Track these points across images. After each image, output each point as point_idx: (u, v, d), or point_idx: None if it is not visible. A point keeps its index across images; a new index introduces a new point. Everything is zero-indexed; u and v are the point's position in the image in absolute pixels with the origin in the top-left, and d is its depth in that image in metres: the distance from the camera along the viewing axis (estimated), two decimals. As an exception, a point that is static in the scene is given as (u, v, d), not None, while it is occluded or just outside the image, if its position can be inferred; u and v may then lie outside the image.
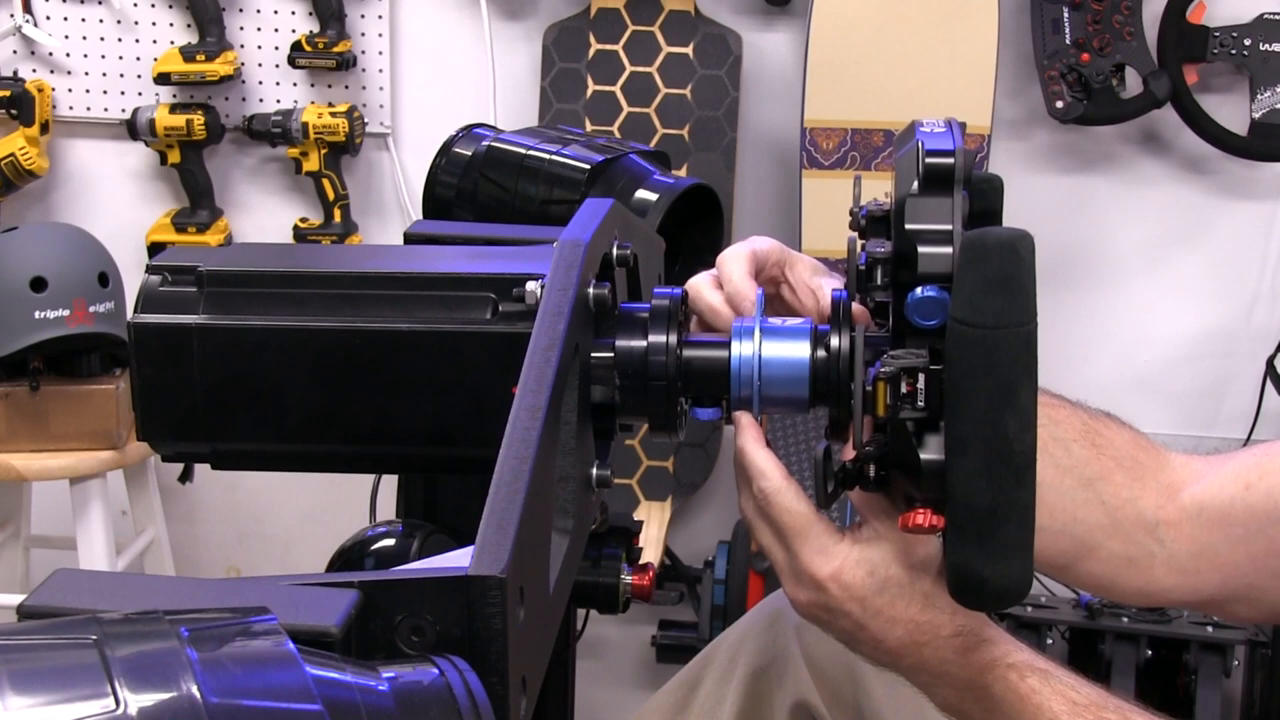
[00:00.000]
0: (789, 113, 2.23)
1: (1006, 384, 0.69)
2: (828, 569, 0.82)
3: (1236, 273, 2.36)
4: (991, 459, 0.69)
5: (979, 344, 0.69)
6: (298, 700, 0.46)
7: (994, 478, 0.70)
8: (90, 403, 2.05)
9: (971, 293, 0.70)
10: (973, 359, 0.69)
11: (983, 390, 0.69)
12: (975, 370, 0.69)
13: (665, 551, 2.32)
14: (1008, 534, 0.70)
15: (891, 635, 0.83)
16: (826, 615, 0.84)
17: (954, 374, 0.70)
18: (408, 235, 1.04)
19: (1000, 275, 0.69)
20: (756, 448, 0.84)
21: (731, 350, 0.83)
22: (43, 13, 2.39)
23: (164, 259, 0.89)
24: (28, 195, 2.45)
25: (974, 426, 0.69)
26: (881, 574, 0.82)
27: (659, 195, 1.10)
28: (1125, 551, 1.03)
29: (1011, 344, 0.69)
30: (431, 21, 2.39)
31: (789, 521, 0.83)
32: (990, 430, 0.69)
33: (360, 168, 2.45)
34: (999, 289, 0.69)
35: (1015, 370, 0.69)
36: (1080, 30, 2.17)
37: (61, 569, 0.57)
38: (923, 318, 0.72)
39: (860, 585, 0.82)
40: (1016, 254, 0.69)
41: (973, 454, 0.70)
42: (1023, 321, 0.69)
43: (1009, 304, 0.69)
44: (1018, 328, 0.69)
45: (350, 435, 0.88)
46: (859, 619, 0.83)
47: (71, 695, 0.43)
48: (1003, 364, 0.69)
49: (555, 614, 0.72)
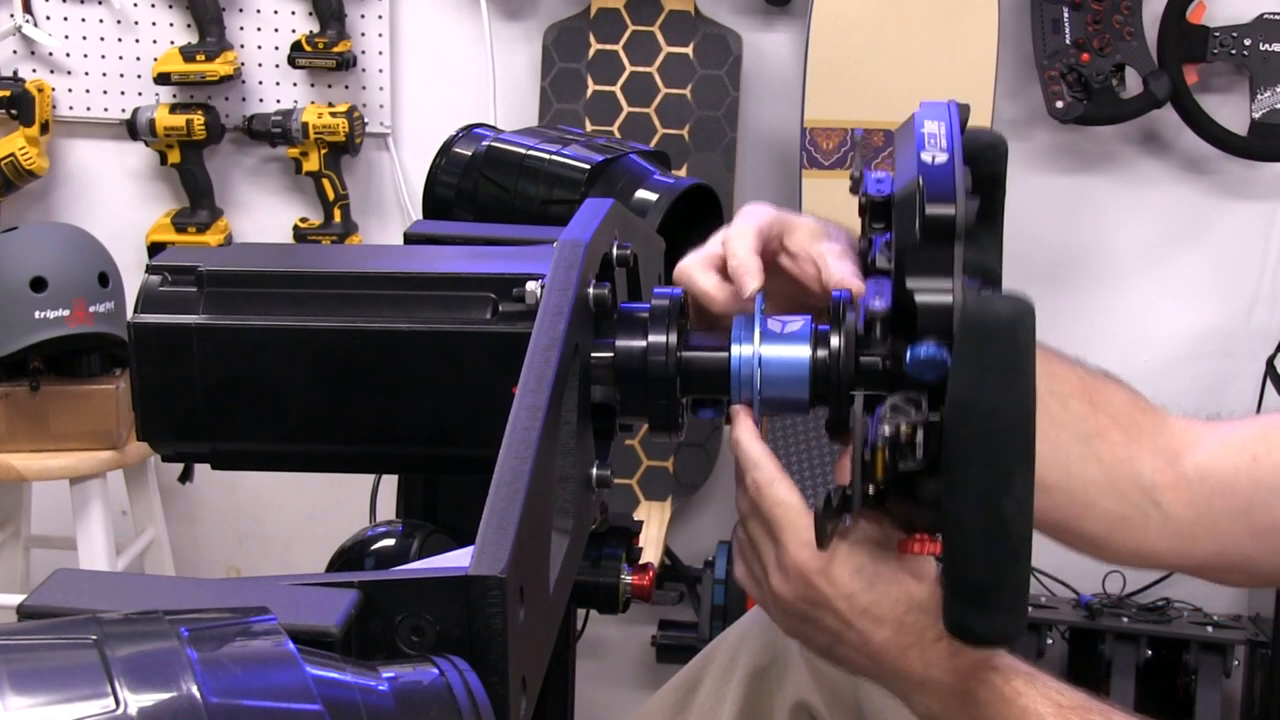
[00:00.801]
0: (789, 113, 2.23)
1: (1003, 471, 0.69)
2: (816, 563, 0.81)
3: (1236, 273, 2.36)
4: (987, 541, 0.70)
5: (976, 431, 0.69)
6: (298, 700, 0.46)
7: (990, 558, 0.70)
8: (90, 403, 2.05)
9: (969, 379, 0.69)
10: (969, 444, 0.69)
11: (978, 475, 0.69)
12: (971, 456, 0.69)
13: (665, 551, 2.32)
14: (1002, 601, 0.71)
15: (876, 636, 0.82)
16: (812, 612, 0.83)
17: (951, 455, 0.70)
18: (408, 235, 1.04)
19: (999, 363, 0.68)
20: (751, 440, 0.83)
21: (731, 351, 0.83)
22: (43, 13, 2.39)
23: (164, 259, 0.89)
24: (28, 195, 2.45)
25: (970, 510, 0.70)
26: (869, 573, 0.81)
27: (659, 195, 1.10)
28: (1120, 510, 1.02)
29: (1008, 433, 0.69)
30: (431, 21, 2.39)
31: (780, 514, 0.82)
32: (986, 514, 0.69)
33: (360, 168, 2.45)
34: (997, 378, 0.68)
35: (1012, 458, 0.69)
36: (1080, 30, 2.17)
37: (61, 569, 0.57)
38: (922, 374, 0.72)
39: (847, 581, 0.81)
40: (1015, 339, 0.68)
41: (969, 534, 0.70)
42: (1020, 410, 0.69)
43: (1006, 393, 0.68)
44: (1015, 416, 0.69)
45: (350, 435, 0.88)
46: (845, 616, 0.82)
47: (71, 695, 0.43)
48: (1000, 452, 0.69)
49: (555, 614, 0.72)
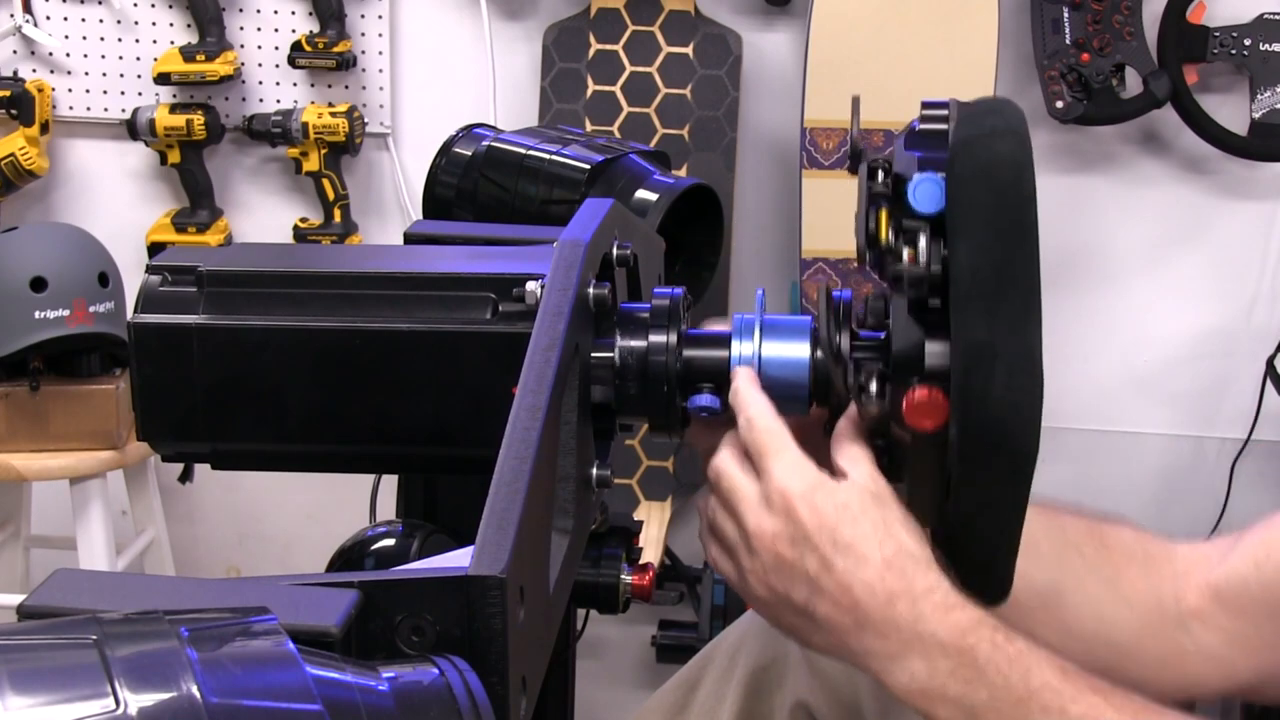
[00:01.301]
0: (789, 113, 2.23)
1: (1006, 168, 0.71)
2: (801, 487, 0.78)
3: (1236, 273, 2.36)
4: (995, 226, 0.69)
5: (978, 143, 0.72)
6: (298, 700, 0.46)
7: (998, 243, 0.69)
8: (90, 403, 2.05)
9: (966, 120, 0.74)
10: (973, 153, 0.71)
11: (983, 174, 0.71)
12: (975, 161, 0.71)
13: (665, 551, 2.32)
14: (1015, 299, 0.69)
15: (859, 577, 0.76)
16: (790, 553, 0.78)
17: (955, 174, 0.72)
18: (408, 235, 1.04)
19: (991, 106, 0.74)
20: (750, 387, 0.82)
21: (732, 349, 0.83)
22: (43, 13, 2.38)
23: (164, 259, 0.89)
24: (28, 195, 2.45)
25: (976, 204, 0.70)
26: (855, 508, 0.77)
27: (659, 195, 1.10)
28: (1158, 650, 1.00)
29: (1009, 141, 0.72)
30: (431, 21, 2.39)
31: (767, 440, 0.80)
32: (993, 202, 0.70)
33: (360, 168, 2.45)
34: (991, 113, 0.74)
35: (1014, 159, 0.71)
36: (1080, 30, 2.17)
37: (61, 569, 0.57)
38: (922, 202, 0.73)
39: (831, 512, 0.77)
40: (1005, 100, 0.75)
41: (976, 224, 0.70)
42: (1017, 129, 0.73)
43: (1002, 118, 0.73)
44: (1013, 131, 0.72)
45: (350, 435, 0.88)
46: (825, 552, 0.77)
47: (71, 695, 0.43)
48: (1001, 152, 0.71)
49: (555, 614, 0.72)
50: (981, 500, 0.75)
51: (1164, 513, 2.43)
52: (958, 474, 0.74)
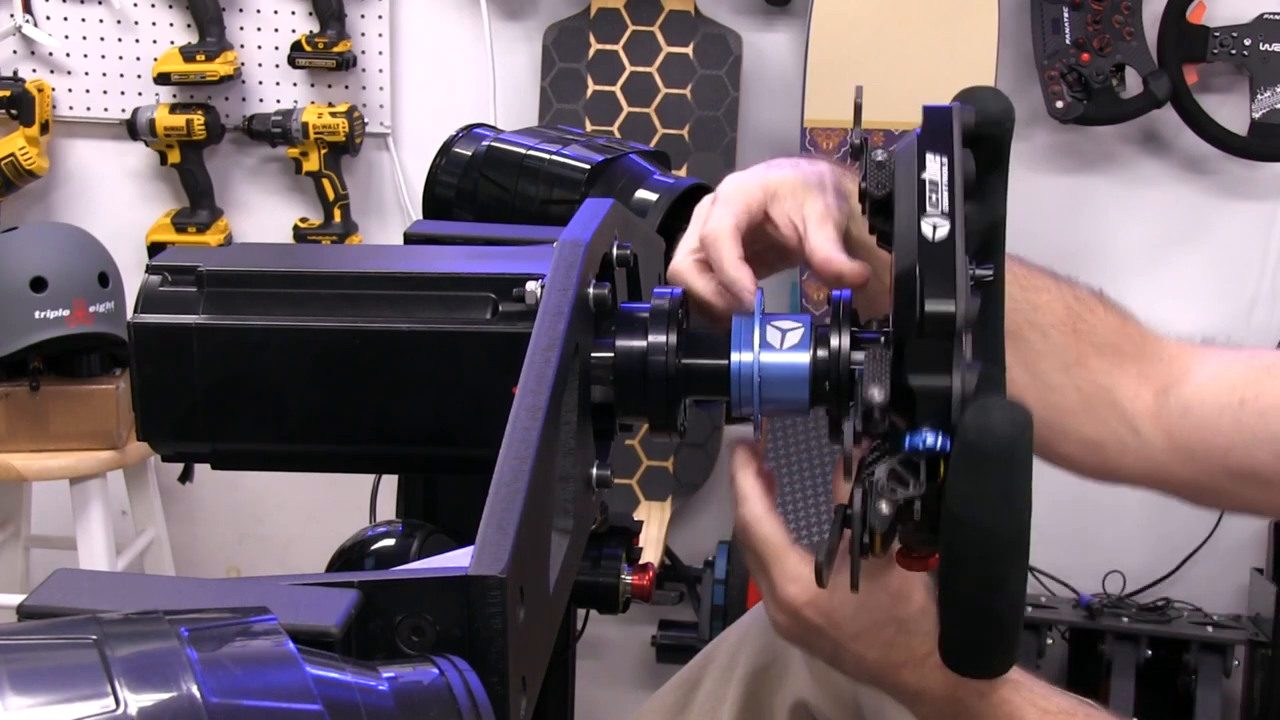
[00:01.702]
0: (789, 113, 2.23)
1: (996, 576, 0.70)
2: (803, 596, 0.85)
3: (1236, 273, 2.36)
4: (980, 629, 0.72)
5: (971, 541, 0.69)
6: (298, 700, 0.46)
7: (983, 633, 0.72)
8: (90, 403, 2.05)
9: (966, 494, 0.69)
10: (964, 551, 0.70)
11: (971, 576, 0.70)
12: (966, 560, 0.70)
13: (665, 551, 2.32)
14: (996, 658, 0.73)
15: (869, 657, 0.86)
16: (806, 638, 0.87)
17: (947, 551, 0.70)
18: (408, 235, 1.04)
19: (996, 485, 0.68)
20: (745, 473, 0.87)
21: (731, 352, 0.83)
22: (43, 13, 2.39)
23: (164, 259, 0.89)
24: (28, 195, 2.45)
25: (964, 601, 0.71)
26: (856, 601, 0.84)
27: (659, 195, 1.10)
28: (1096, 435, 1.02)
29: (1001, 545, 0.69)
30: (431, 21, 2.39)
31: (764, 550, 0.86)
32: (980, 606, 0.71)
33: (360, 168, 2.45)
34: (993, 496, 0.68)
35: (1004, 564, 0.70)
36: (1080, 30, 2.17)
37: (61, 569, 0.57)
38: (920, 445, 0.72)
39: (835, 611, 0.85)
40: (1012, 460, 0.68)
41: (963, 625, 0.71)
42: (1015, 527, 0.69)
43: (1002, 509, 0.68)
44: (1010, 534, 0.69)
45: (350, 435, 0.88)
46: (836, 641, 0.86)
47: (71, 695, 0.43)
48: (991, 560, 0.69)
49: (555, 614, 0.72)
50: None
51: (1164, 513, 2.43)
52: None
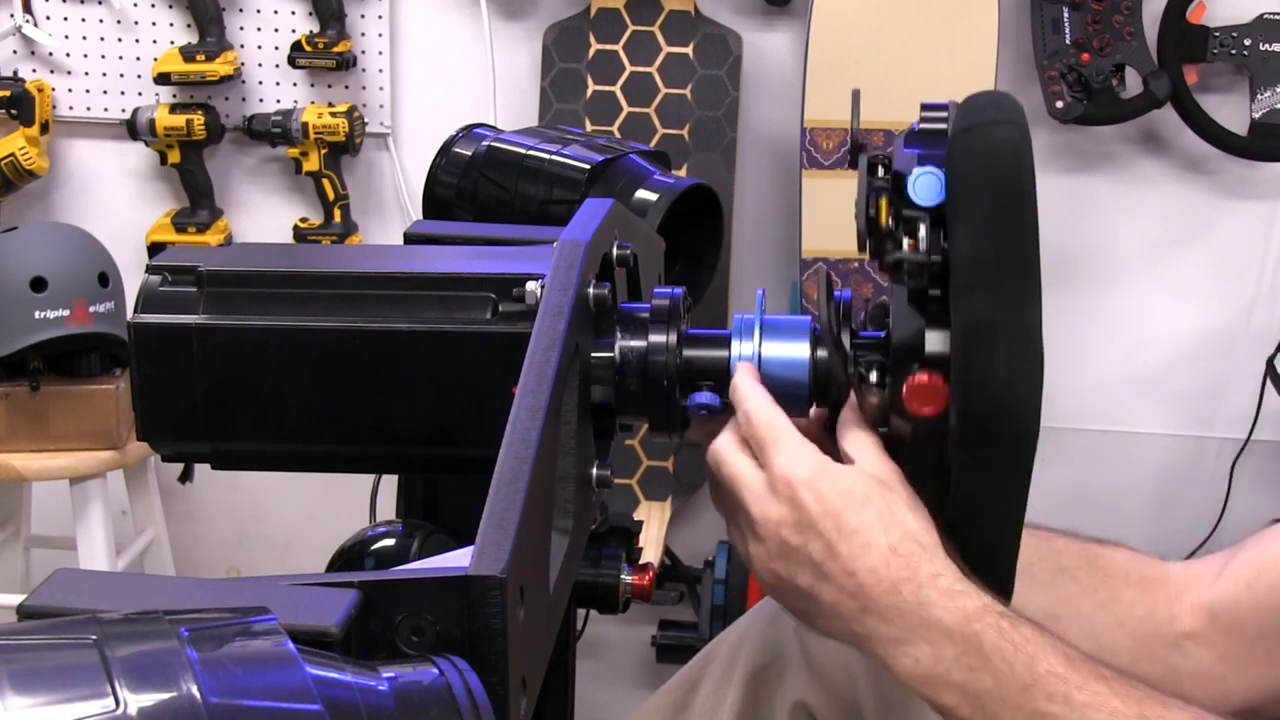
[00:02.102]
0: (789, 113, 2.23)
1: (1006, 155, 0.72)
2: (805, 473, 0.77)
3: (1236, 273, 2.36)
4: (994, 207, 0.70)
5: (977, 132, 0.72)
6: (298, 700, 0.46)
7: (998, 225, 0.70)
8: (90, 403, 2.05)
9: (965, 111, 0.74)
10: (972, 141, 0.72)
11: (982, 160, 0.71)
12: (974, 148, 0.72)
13: (665, 551, 2.32)
14: (1015, 281, 0.70)
15: (864, 563, 0.76)
16: (794, 538, 0.78)
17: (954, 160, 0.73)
18: (408, 235, 1.04)
19: (991, 99, 0.75)
20: (748, 379, 0.82)
21: (732, 349, 0.83)
22: (43, 13, 2.38)
23: (164, 259, 0.89)
24: (28, 195, 2.45)
25: (976, 190, 0.71)
26: (860, 494, 0.77)
27: (659, 195, 1.10)
28: (1153, 672, 1.00)
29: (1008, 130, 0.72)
30: (431, 21, 2.39)
31: (767, 432, 0.79)
32: (992, 188, 0.71)
33: (360, 168, 2.45)
34: (990, 105, 0.74)
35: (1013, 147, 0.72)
36: (1080, 30, 2.17)
37: (61, 569, 0.57)
38: (922, 195, 0.73)
39: (836, 499, 0.77)
40: (1004, 93, 0.75)
41: (976, 209, 0.70)
42: (1015, 119, 0.73)
43: (1000, 110, 0.73)
44: (1012, 121, 0.73)
45: (350, 435, 0.88)
46: (830, 538, 0.76)
47: (71, 695, 0.43)
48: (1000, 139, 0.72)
49: (555, 614, 0.72)
50: (982, 488, 0.75)
51: (1164, 513, 2.43)
52: (958, 461, 0.74)
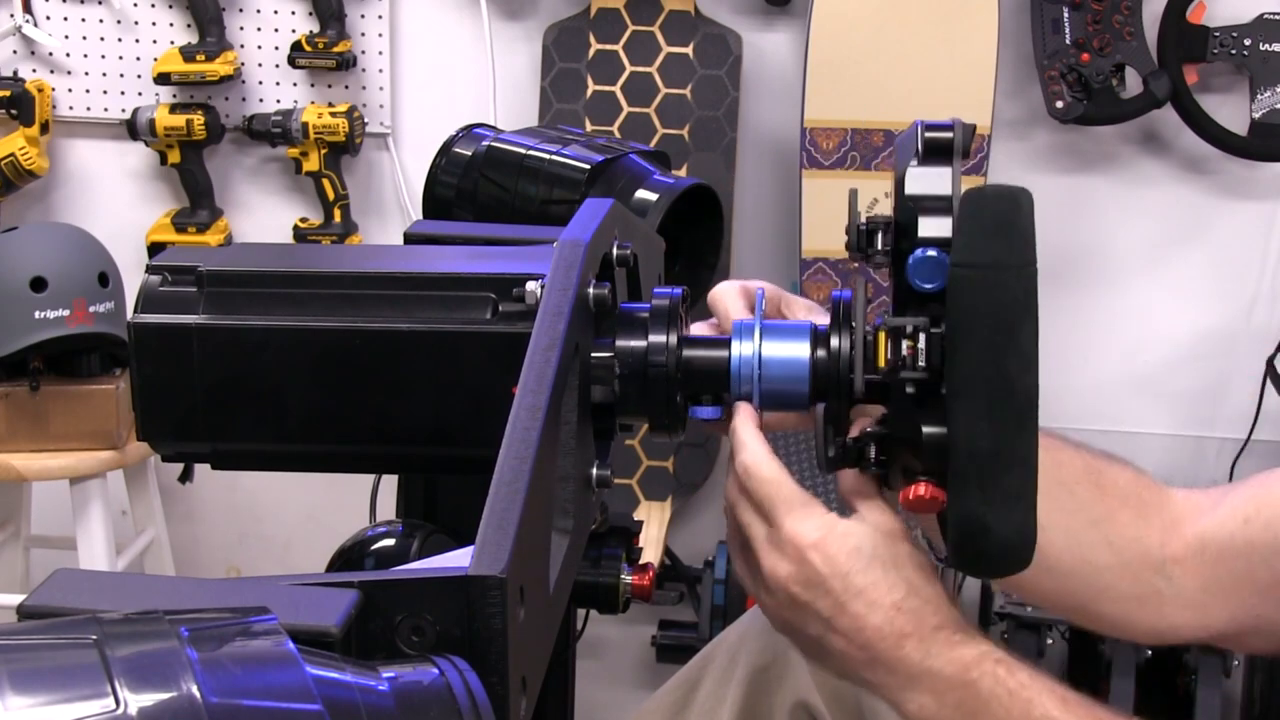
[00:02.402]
0: (789, 113, 2.23)
1: (1007, 324, 0.69)
2: (813, 536, 0.79)
3: (1236, 273, 2.36)
4: (993, 400, 0.69)
5: (979, 285, 0.70)
6: (298, 700, 0.46)
7: (995, 419, 0.70)
8: (90, 403, 2.05)
9: (970, 238, 0.70)
10: (973, 299, 0.70)
11: (983, 330, 0.69)
12: (976, 310, 0.70)
13: (665, 551, 2.32)
14: (1011, 479, 0.70)
15: (871, 620, 0.79)
16: (804, 595, 0.80)
17: (955, 318, 0.70)
18: (408, 235, 1.04)
19: (999, 221, 0.70)
20: (746, 426, 0.83)
21: (732, 350, 0.83)
22: (43, 13, 2.39)
23: (164, 259, 0.89)
24: (28, 195, 2.45)
25: (975, 368, 0.69)
26: (867, 552, 0.79)
27: (659, 195, 1.10)
28: (1134, 591, 1.02)
29: (1011, 284, 0.69)
30: (431, 21, 2.39)
31: (771, 492, 0.81)
32: (992, 370, 0.69)
33: (360, 168, 2.45)
34: (998, 233, 0.70)
35: (1015, 310, 0.69)
36: (1080, 30, 2.17)
37: (61, 569, 0.57)
38: (923, 280, 0.73)
39: (844, 559, 0.79)
40: (1015, 201, 0.70)
41: (974, 396, 0.70)
42: (1022, 263, 0.70)
43: (1008, 246, 0.70)
44: (1017, 268, 0.70)
45: (350, 435, 0.88)
46: (839, 597, 0.79)
47: (71, 695, 0.43)
48: (1003, 304, 0.69)
49: (555, 614, 0.72)
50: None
51: (1164, 513, 2.43)
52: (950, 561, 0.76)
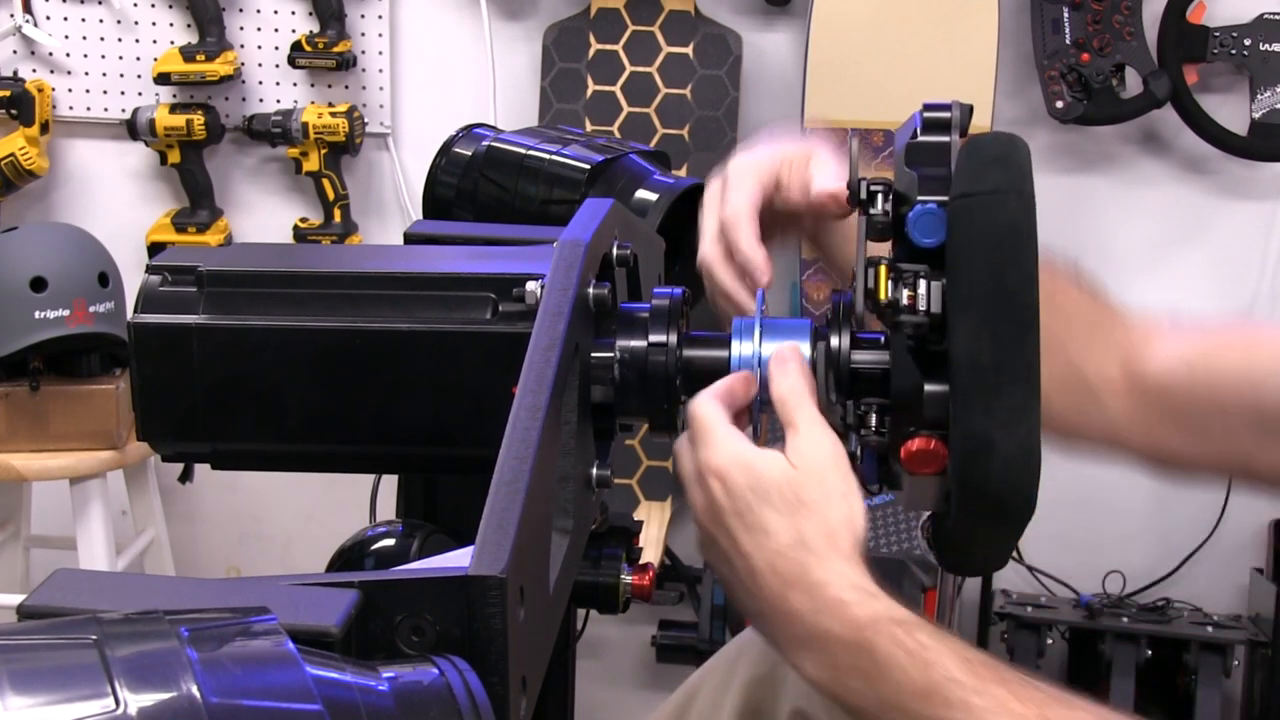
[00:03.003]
0: (789, 113, 2.23)
1: (1008, 243, 0.70)
2: (718, 460, 0.77)
3: (1236, 273, 2.36)
4: (994, 314, 0.69)
5: (979, 208, 0.71)
6: (298, 700, 0.46)
7: (997, 333, 0.69)
8: (90, 403, 2.05)
9: (969, 170, 0.72)
10: (973, 223, 0.70)
11: (984, 248, 0.70)
12: (976, 230, 0.70)
13: (665, 551, 2.32)
14: (1014, 393, 0.70)
15: (759, 558, 0.76)
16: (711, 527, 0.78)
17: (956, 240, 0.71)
18: (408, 235, 1.04)
19: (997, 154, 0.72)
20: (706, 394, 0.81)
21: (732, 349, 0.83)
22: (43, 13, 2.39)
23: (164, 259, 0.89)
24: (28, 195, 2.45)
25: (976, 285, 0.70)
26: (770, 487, 0.76)
27: (659, 195, 1.10)
28: (1064, 403, 1.01)
29: (1011, 204, 0.70)
30: (431, 21, 2.39)
31: (697, 425, 0.79)
32: (992, 286, 0.69)
33: (360, 168, 2.45)
34: (996, 164, 0.72)
35: (1015, 231, 0.70)
36: (1080, 30, 2.17)
37: (61, 569, 0.57)
38: (923, 234, 0.73)
39: (746, 490, 0.76)
40: (1012, 141, 0.72)
41: (975, 310, 0.70)
42: (1020, 189, 0.71)
43: (1006, 173, 0.71)
44: (1016, 192, 0.71)
45: (350, 435, 0.88)
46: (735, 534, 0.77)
47: (71, 695, 0.43)
48: (1003, 224, 0.70)
49: (555, 614, 0.72)
50: (975, 541, 0.78)
51: (1164, 513, 2.43)
52: (954, 518, 0.75)
